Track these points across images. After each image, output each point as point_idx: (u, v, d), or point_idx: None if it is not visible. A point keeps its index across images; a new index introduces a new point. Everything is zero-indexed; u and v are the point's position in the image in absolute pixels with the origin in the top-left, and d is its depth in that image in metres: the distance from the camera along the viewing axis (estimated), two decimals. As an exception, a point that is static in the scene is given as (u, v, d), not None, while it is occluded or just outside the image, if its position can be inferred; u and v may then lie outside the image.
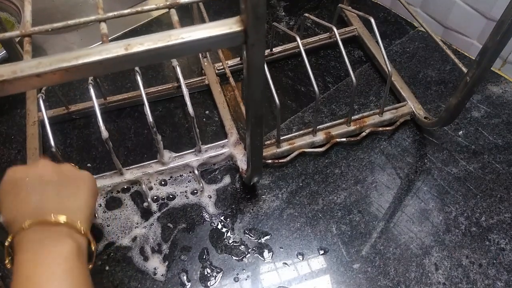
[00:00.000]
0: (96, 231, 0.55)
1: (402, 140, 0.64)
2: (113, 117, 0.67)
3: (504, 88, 0.70)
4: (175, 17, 0.36)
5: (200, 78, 0.70)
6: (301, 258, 0.53)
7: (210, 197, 0.58)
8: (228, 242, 0.55)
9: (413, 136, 0.64)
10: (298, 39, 0.57)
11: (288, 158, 0.62)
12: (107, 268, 0.53)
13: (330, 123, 0.63)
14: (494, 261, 0.52)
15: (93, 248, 0.42)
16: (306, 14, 0.64)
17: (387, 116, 0.64)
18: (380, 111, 0.64)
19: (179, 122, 0.67)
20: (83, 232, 0.40)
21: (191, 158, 0.60)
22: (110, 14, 0.37)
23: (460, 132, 0.65)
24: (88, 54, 0.30)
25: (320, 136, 0.62)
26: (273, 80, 0.55)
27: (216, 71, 0.71)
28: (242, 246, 0.54)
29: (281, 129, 0.66)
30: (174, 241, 0.55)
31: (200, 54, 0.72)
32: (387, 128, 0.65)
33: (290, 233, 0.55)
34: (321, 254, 0.54)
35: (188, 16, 0.73)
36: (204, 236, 0.55)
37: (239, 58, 0.73)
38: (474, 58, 0.49)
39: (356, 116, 0.64)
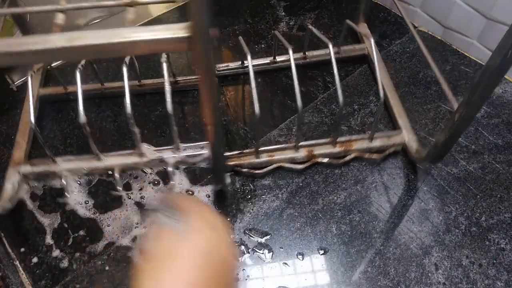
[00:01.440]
0: (97, 231, 0.55)
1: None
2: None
3: (504, 88, 0.70)
4: (130, 16, 0.36)
5: (196, 76, 0.70)
6: (301, 258, 0.53)
7: (209, 197, 0.59)
8: (228, 242, 0.55)
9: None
10: (291, 52, 0.55)
11: (265, 170, 0.60)
12: (107, 268, 0.53)
13: (314, 141, 0.61)
14: (494, 261, 0.52)
15: None
16: (310, 26, 0.62)
17: (377, 143, 0.61)
18: (369, 136, 0.60)
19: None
20: None
21: (168, 155, 0.60)
22: (69, 5, 0.37)
23: (460, 132, 0.65)
24: (34, 42, 0.31)
25: (301, 153, 0.60)
26: (273, 79, 0.55)
27: (215, 72, 0.71)
28: (242, 246, 0.54)
29: (281, 129, 0.66)
30: (174, 241, 0.55)
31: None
32: (375, 156, 0.61)
33: (290, 233, 0.55)
34: (321, 254, 0.54)
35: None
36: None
37: (240, 62, 0.73)
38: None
39: (343, 138, 0.61)
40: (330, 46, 0.56)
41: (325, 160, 0.61)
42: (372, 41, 0.58)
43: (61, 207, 0.58)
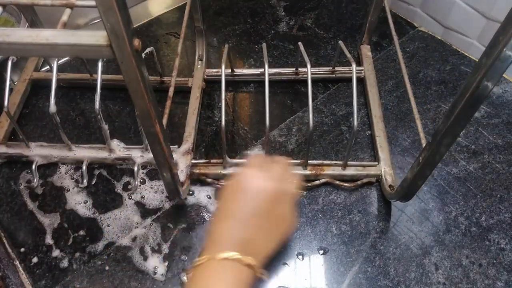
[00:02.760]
0: (97, 231, 0.55)
1: (403, 140, 0.64)
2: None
3: (504, 88, 0.70)
4: (64, 17, 0.36)
5: (184, 79, 0.70)
6: (301, 258, 0.53)
7: (210, 198, 0.58)
8: (228, 242, 0.55)
9: (413, 136, 0.64)
10: (266, 67, 0.53)
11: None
12: (107, 268, 0.53)
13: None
14: (494, 261, 0.52)
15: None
16: (299, 43, 0.59)
17: (351, 171, 0.59)
18: (343, 164, 0.58)
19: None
20: (256, 271, 0.41)
21: (136, 154, 0.60)
22: (6, 0, 0.38)
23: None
24: None
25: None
26: (276, 84, 0.55)
27: (206, 76, 0.71)
28: (242, 246, 0.54)
29: (281, 129, 0.66)
30: (174, 241, 0.55)
31: (196, 57, 0.72)
32: (346, 185, 0.59)
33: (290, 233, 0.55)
34: (321, 254, 0.54)
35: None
36: (204, 236, 0.55)
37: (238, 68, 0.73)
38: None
39: (315, 162, 0.59)
40: (308, 67, 0.53)
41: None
42: (354, 67, 0.53)
43: (61, 207, 0.58)
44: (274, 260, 0.53)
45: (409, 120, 0.66)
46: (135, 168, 0.59)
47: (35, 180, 0.59)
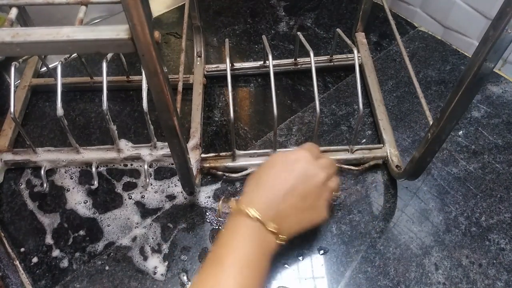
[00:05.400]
0: (97, 231, 0.55)
1: (403, 140, 0.64)
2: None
3: (504, 88, 0.70)
4: (80, 15, 0.37)
5: (186, 76, 0.70)
6: (301, 258, 0.53)
7: (209, 197, 0.58)
8: (228, 242, 0.55)
9: (413, 136, 0.64)
10: (271, 58, 0.54)
11: (240, 174, 0.60)
12: (107, 268, 0.53)
13: (293, 148, 0.59)
14: (494, 261, 0.52)
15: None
16: (298, 33, 0.62)
17: (357, 155, 0.60)
18: (350, 148, 0.60)
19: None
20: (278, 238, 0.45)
21: (145, 153, 0.60)
22: (22, 1, 0.38)
23: (460, 132, 0.65)
24: None
25: None
26: (275, 78, 0.55)
27: (206, 72, 0.71)
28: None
29: (281, 129, 0.66)
30: (174, 241, 0.55)
31: (195, 53, 0.72)
32: (354, 168, 0.60)
33: (290, 233, 0.55)
34: (321, 254, 0.53)
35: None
36: (204, 236, 0.55)
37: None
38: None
39: (324, 148, 0.60)
40: (311, 54, 0.55)
41: None
42: (356, 54, 0.56)
43: (61, 207, 0.58)
44: (274, 260, 0.53)
45: (409, 120, 0.66)
46: (146, 166, 0.60)
47: (44, 185, 0.58)
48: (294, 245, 0.54)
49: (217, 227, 0.56)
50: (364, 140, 0.64)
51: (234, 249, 0.42)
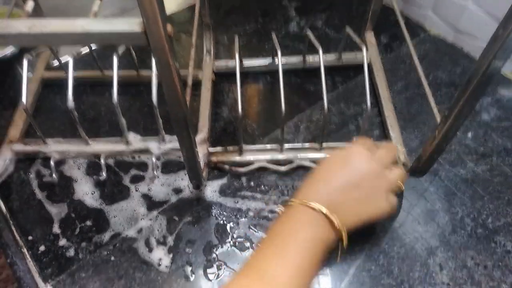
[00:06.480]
0: (103, 222, 0.56)
1: (410, 141, 0.64)
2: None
3: (514, 91, 0.70)
4: (95, 7, 0.38)
5: (195, 72, 0.70)
6: (305, 255, 0.53)
7: (215, 191, 0.59)
8: (233, 237, 0.55)
9: (421, 136, 0.64)
10: (279, 54, 0.56)
11: (247, 169, 0.60)
12: (112, 258, 0.53)
13: (302, 145, 0.61)
14: (500, 263, 0.52)
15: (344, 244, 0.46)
16: (308, 30, 0.62)
17: None
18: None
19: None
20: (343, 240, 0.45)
21: (153, 146, 0.61)
22: None
23: (469, 134, 0.64)
24: None
25: (287, 155, 0.60)
26: (283, 77, 0.55)
27: (215, 69, 0.72)
28: (247, 241, 0.54)
29: (289, 127, 0.66)
30: (179, 233, 0.55)
31: (204, 51, 0.73)
32: None
33: (295, 230, 0.55)
34: (325, 251, 0.53)
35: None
36: (209, 229, 0.55)
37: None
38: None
39: (330, 144, 0.61)
40: (320, 52, 0.56)
41: (312, 164, 0.60)
42: (364, 51, 0.56)
43: (68, 197, 0.58)
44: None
45: (418, 121, 0.66)
46: (153, 159, 0.60)
47: (54, 176, 0.59)
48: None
49: (222, 222, 0.56)
50: (372, 140, 0.64)
51: (297, 231, 0.43)
